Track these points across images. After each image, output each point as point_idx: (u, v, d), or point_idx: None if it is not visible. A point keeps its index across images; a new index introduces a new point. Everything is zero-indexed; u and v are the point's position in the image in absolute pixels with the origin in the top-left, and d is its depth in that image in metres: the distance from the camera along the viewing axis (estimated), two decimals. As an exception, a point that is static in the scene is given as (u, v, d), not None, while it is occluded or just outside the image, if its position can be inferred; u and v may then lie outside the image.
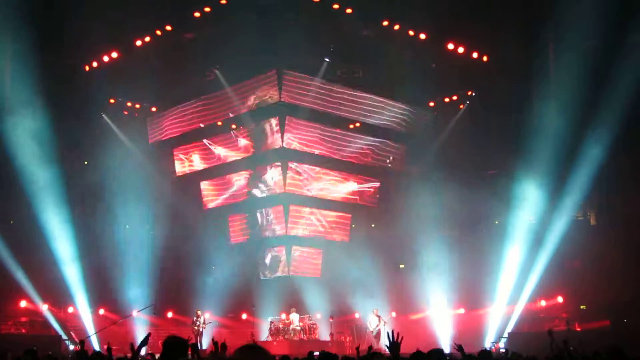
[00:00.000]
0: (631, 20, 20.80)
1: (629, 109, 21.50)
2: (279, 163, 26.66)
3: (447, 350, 20.74)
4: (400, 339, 7.59)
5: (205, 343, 24.12)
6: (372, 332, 24.21)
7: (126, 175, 26.04)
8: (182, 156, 28.49)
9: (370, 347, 14.92)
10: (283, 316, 26.03)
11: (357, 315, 27.37)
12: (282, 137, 25.57)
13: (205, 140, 27.77)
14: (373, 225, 30.36)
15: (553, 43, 23.25)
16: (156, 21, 23.22)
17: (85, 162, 27.89)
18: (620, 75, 21.26)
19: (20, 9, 20.51)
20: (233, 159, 27.45)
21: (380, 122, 27.26)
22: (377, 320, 24.10)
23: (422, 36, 23.77)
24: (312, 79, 25.48)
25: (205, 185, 28.70)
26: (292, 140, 26.02)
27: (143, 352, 14.48)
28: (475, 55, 24.93)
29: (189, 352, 5.73)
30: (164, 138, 28.09)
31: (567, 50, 22.10)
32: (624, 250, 23.97)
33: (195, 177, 28.70)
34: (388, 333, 7.62)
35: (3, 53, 22.88)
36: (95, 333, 22.78)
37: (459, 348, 9.31)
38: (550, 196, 24.73)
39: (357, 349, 14.03)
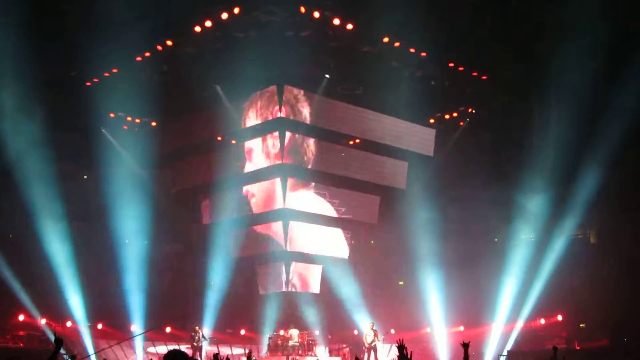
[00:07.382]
0: (631, 44, 20.77)
1: (628, 129, 21.54)
2: (278, 178, 26.60)
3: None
4: (410, 353, 7.69)
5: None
6: (368, 346, 24.00)
7: (125, 189, 25.95)
8: (181, 171, 28.46)
9: None
10: (282, 332, 25.94)
11: (355, 332, 27.27)
12: (281, 152, 25.55)
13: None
14: (372, 242, 30.30)
15: (553, 63, 23.20)
16: (157, 36, 23.15)
17: (85, 177, 27.81)
18: (619, 96, 21.31)
19: (22, 20, 20.41)
20: (233, 173, 27.32)
21: (381, 139, 27.20)
22: (372, 335, 23.97)
23: (423, 54, 23.73)
24: (313, 95, 25.46)
25: (205, 200, 28.66)
26: (291, 157, 26.02)
27: None
28: (474, 74, 24.88)
29: None
30: (164, 153, 28.04)
31: (567, 71, 22.06)
32: (624, 269, 24.00)
33: (194, 192, 28.63)
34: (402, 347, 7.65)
35: (4, 65, 22.79)
36: (95, 353, 22.66)
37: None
38: (550, 214, 24.74)
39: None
